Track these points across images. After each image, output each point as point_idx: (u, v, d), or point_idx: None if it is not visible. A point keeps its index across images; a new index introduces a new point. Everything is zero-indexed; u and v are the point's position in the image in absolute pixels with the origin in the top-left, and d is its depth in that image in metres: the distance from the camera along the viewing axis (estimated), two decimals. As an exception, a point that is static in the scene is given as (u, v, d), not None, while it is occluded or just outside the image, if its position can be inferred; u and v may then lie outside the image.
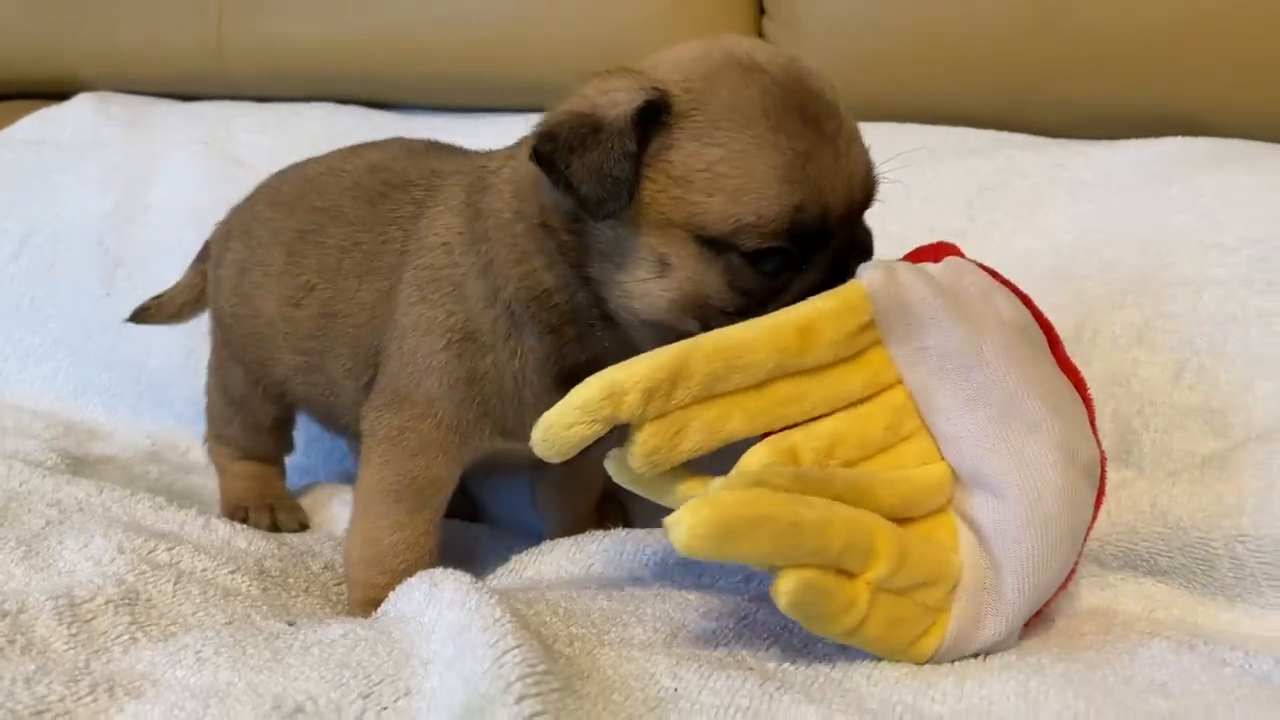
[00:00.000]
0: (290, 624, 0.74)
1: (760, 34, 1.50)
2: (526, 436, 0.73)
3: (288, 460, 1.16)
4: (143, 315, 1.19)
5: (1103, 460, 0.79)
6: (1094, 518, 0.78)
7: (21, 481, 0.93)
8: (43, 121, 1.66)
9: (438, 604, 0.67)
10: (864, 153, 0.76)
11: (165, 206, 1.44)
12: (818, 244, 0.73)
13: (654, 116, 0.72)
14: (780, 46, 1.47)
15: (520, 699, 0.54)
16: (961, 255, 0.82)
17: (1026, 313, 0.80)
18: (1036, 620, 0.77)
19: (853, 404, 0.75)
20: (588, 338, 0.81)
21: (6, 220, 1.48)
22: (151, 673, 0.62)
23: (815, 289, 0.73)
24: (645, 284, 0.74)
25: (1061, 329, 1.04)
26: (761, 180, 0.70)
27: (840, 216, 0.74)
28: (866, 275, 0.74)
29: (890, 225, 1.23)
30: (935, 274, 0.78)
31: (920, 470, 0.75)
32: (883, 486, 0.72)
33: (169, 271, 1.32)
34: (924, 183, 1.27)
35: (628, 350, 0.76)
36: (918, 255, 0.82)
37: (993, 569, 0.72)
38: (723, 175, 0.71)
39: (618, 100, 0.72)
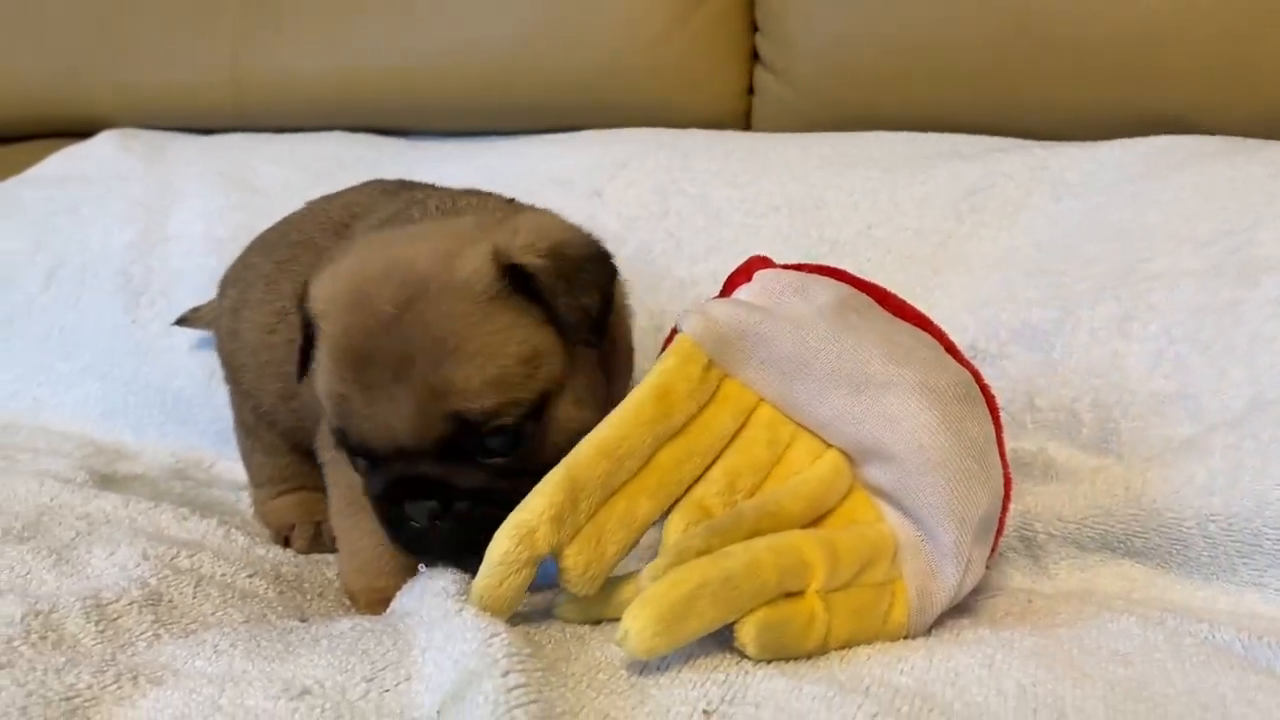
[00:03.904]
0: (303, 620, 0.79)
1: (754, 51, 1.55)
2: None
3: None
4: (185, 321, 1.32)
5: (975, 374, 0.82)
6: (997, 425, 0.82)
7: (52, 496, 0.98)
8: (67, 159, 1.73)
9: (434, 595, 0.72)
10: (410, 405, 0.74)
11: (185, 236, 1.50)
12: (374, 462, 0.78)
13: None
14: (775, 63, 1.53)
15: (506, 673, 0.58)
16: (770, 264, 0.87)
17: (844, 287, 0.84)
18: (1009, 599, 0.81)
19: (731, 439, 0.80)
20: None
21: (36, 254, 1.53)
22: (172, 664, 0.66)
23: (383, 492, 0.78)
24: None
25: (1043, 323, 1.09)
26: (323, 398, 0.79)
27: (389, 452, 0.76)
28: (686, 324, 0.80)
29: (879, 231, 1.28)
30: (745, 296, 0.83)
31: (814, 467, 0.79)
32: (787, 498, 0.76)
33: (190, 297, 1.38)
34: (914, 187, 1.31)
35: None
36: (732, 281, 0.87)
37: (917, 523, 0.76)
38: (318, 377, 0.80)
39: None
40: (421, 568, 0.78)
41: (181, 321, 1.34)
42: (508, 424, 0.75)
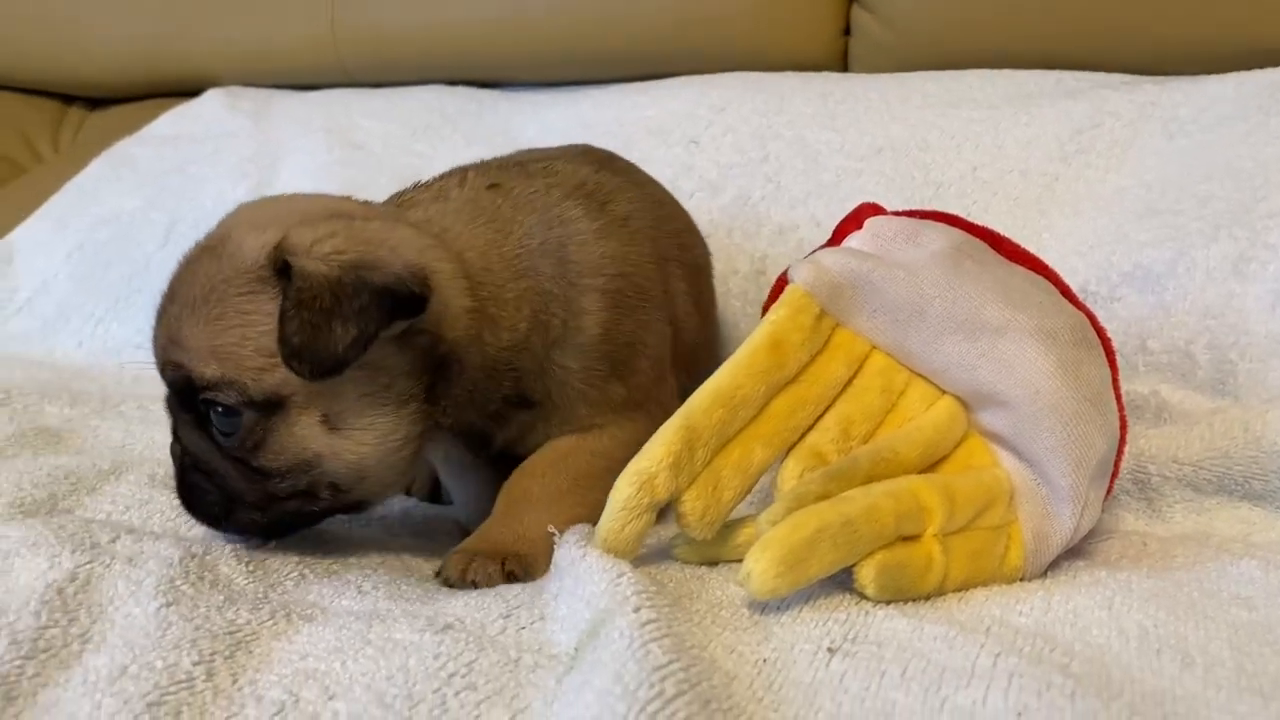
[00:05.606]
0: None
1: (850, -9, 1.53)
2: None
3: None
4: None
5: (1091, 318, 0.82)
6: (1113, 368, 0.82)
7: (190, 446, 1.04)
8: (177, 118, 1.78)
9: (560, 545, 0.75)
10: (163, 341, 0.79)
11: (292, 191, 1.54)
12: None
13: None
14: (871, 2, 1.49)
15: (637, 609, 0.60)
16: (880, 211, 0.86)
17: (958, 232, 0.83)
18: (1124, 542, 0.81)
19: (844, 387, 0.81)
20: None
21: (152, 211, 1.59)
22: (320, 602, 0.70)
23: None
24: None
25: (1156, 264, 1.07)
26: None
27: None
28: (797, 274, 0.80)
29: (984, 172, 1.27)
30: (856, 244, 0.83)
31: (929, 413, 0.80)
32: (902, 444, 0.77)
33: (302, 252, 1.42)
34: (1018, 127, 1.29)
35: None
36: (842, 229, 0.87)
37: (1032, 467, 0.77)
38: None
39: None
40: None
41: None
42: (225, 402, 0.76)
